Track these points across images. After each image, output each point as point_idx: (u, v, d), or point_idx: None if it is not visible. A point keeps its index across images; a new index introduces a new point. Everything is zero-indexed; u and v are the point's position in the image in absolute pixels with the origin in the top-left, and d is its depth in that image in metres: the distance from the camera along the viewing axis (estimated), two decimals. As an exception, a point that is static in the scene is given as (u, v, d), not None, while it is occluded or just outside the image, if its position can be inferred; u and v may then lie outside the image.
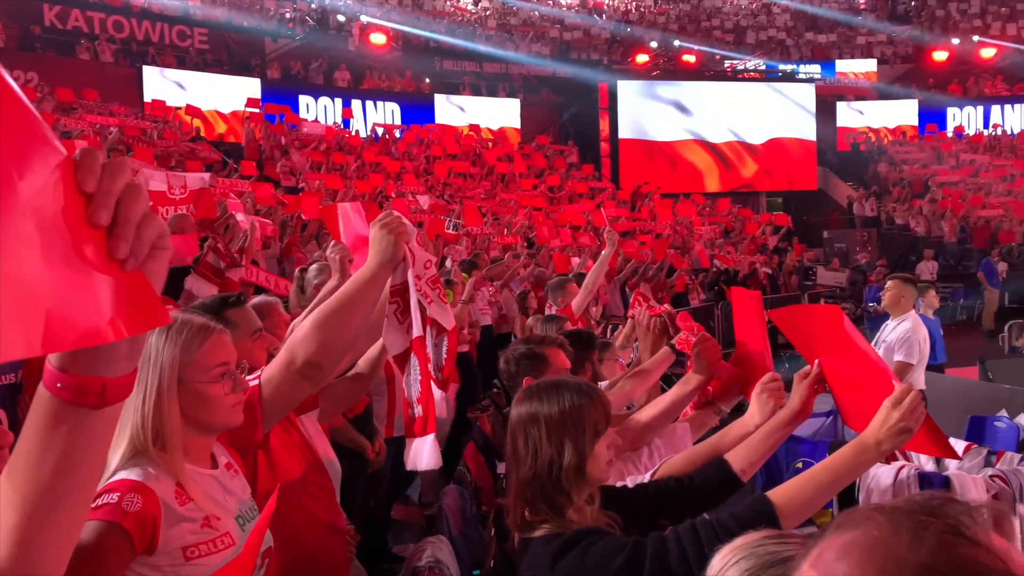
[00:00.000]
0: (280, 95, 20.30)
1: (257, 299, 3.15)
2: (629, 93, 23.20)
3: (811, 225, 21.75)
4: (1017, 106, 26.17)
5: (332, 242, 2.83)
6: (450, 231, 11.55)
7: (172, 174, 7.32)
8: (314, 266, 3.71)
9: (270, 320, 3.01)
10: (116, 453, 1.47)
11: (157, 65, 19.49)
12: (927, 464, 3.92)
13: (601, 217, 15.42)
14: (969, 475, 3.44)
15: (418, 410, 2.21)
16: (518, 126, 23.16)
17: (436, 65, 23.95)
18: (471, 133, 21.60)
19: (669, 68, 25.73)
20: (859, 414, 1.59)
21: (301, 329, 1.79)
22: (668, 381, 2.77)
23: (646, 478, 1.92)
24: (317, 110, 21.33)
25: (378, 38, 23.02)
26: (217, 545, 1.49)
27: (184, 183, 6.83)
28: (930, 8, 30.37)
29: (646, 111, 23.27)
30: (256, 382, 1.78)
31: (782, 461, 4.12)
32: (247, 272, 5.65)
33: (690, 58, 26.66)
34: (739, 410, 2.16)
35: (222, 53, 21.43)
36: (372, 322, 2.05)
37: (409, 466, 2.15)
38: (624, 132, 22.97)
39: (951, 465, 3.88)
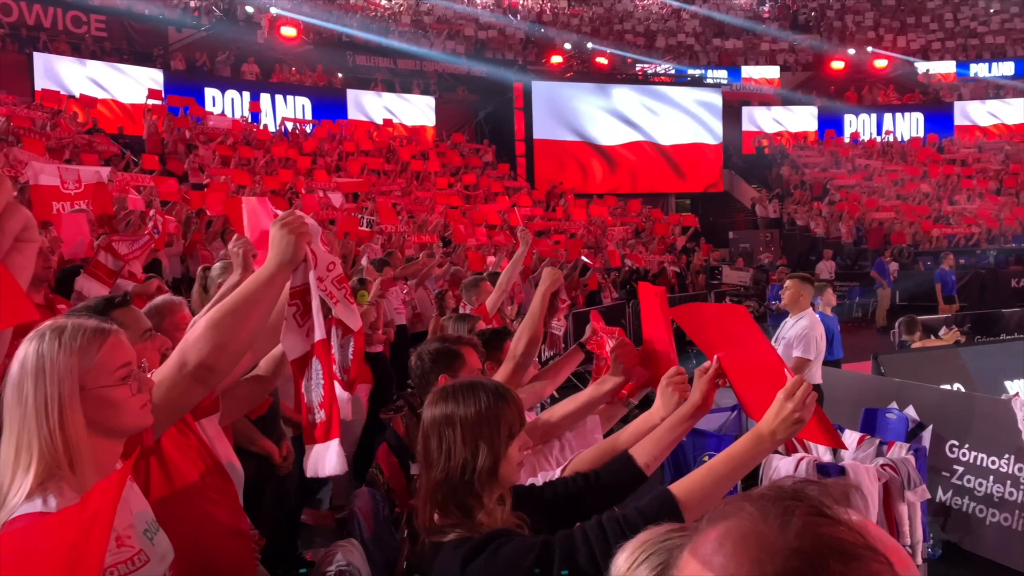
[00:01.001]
0: (184, 87, 19.56)
1: (160, 298, 3.01)
2: (543, 93, 23.41)
3: (717, 226, 22.45)
4: (907, 114, 27.70)
5: (235, 236, 2.72)
6: (363, 228, 11.38)
7: (65, 167, 6.90)
8: (218, 264, 3.56)
9: (171, 319, 2.88)
10: (26, 476, 1.36)
11: (49, 52, 18.46)
12: (825, 455, 4.10)
13: (517, 216, 15.52)
14: (863, 464, 3.60)
15: (319, 415, 2.15)
16: (433, 124, 23.03)
17: (349, 60, 23.56)
18: (387, 129, 21.35)
19: (582, 70, 26.10)
20: (758, 406, 1.64)
21: (194, 330, 1.71)
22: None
23: (556, 473, 1.93)
24: (224, 103, 20.65)
25: (288, 31, 22.47)
26: (135, 563, 1.41)
27: (78, 177, 6.44)
28: (828, 19, 31.83)
29: (560, 112, 23.53)
30: None
31: (689, 455, 4.22)
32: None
33: (603, 60, 27.12)
34: (647, 402, 2.19)
35: (121, 42, 20.48)
36: (272, 323, 1.98)
37: (310, 473, 2.09)
38: (539, 132, 23.17)
39: (847, 456, 4.06)
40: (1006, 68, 28.43)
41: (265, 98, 21.09)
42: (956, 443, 5.10)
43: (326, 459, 2.14)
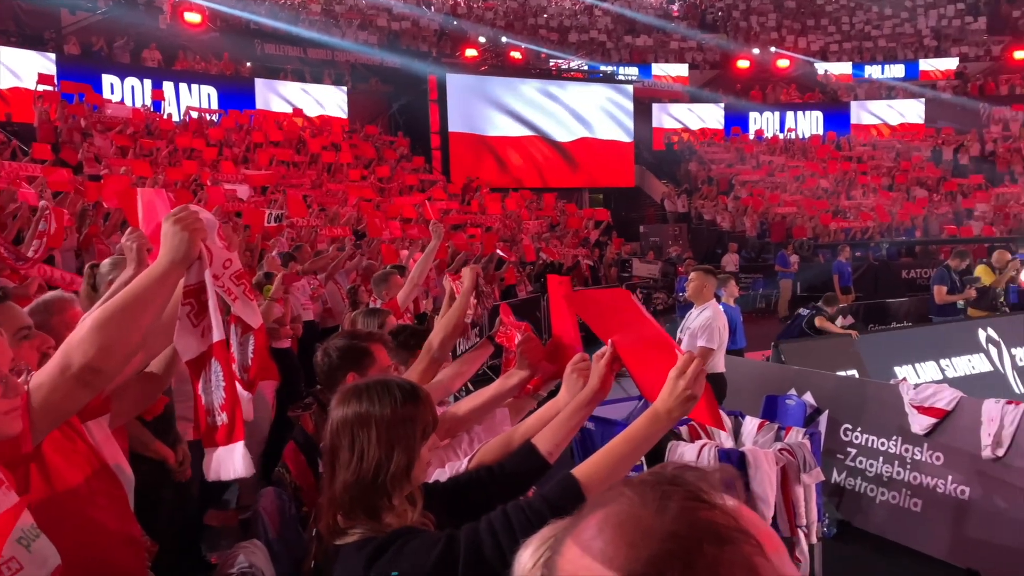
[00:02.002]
0: (79, 73, 18.58)
1: (50, 293, 2.84)
2: (458, 86, 23.33)
3: (629, 220, 22.91)
4: (808, 112, 28.90)
5: (129, 230, 2.59)
6: (272, 224, 11.07)
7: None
8: (108, 260, 3.38)
9: (60, 317, 2.73)
10: None
11: (-73, 33, 17.26)
12: (727, 442, 4.24)
13: (432, 209, 15.43)
14: (761, 450, 3.75)
15: (221, 418, 2.09)
16: (345, 115, 22.62)
17: (257, 48, 22.88)
18: (297, 120, 20.83)
19: (497, 64, 26.13)
20: (653, 386, 1.67)
21: (78, 330, 1.60)
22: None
23: (463, 465, 1.92)
24: (123, 91, 19.73)
25: (192, 17, 21.66)
26: (4, 571, 1.33)
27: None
28: (735, 19, 32.87)
29: (476, 105, 23.50)
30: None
31: (599, 444, 4.29)
32: (37, 269, 5.11)
33: (517, 55, 27.23)
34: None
35: (9, 23, 19.31)
36: (165, 321, 1.91)
37: (211, 477, 2.02)
38: (454, 125, 23.08)
39: (747, 441, 4.22)
40: (897, 70, 30.02)
41: (168, 86, 20.25)
42: (849, 427, 5.37)
43: (230, 462, 2.08)
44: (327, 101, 22.54)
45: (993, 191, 21.63)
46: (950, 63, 29.73)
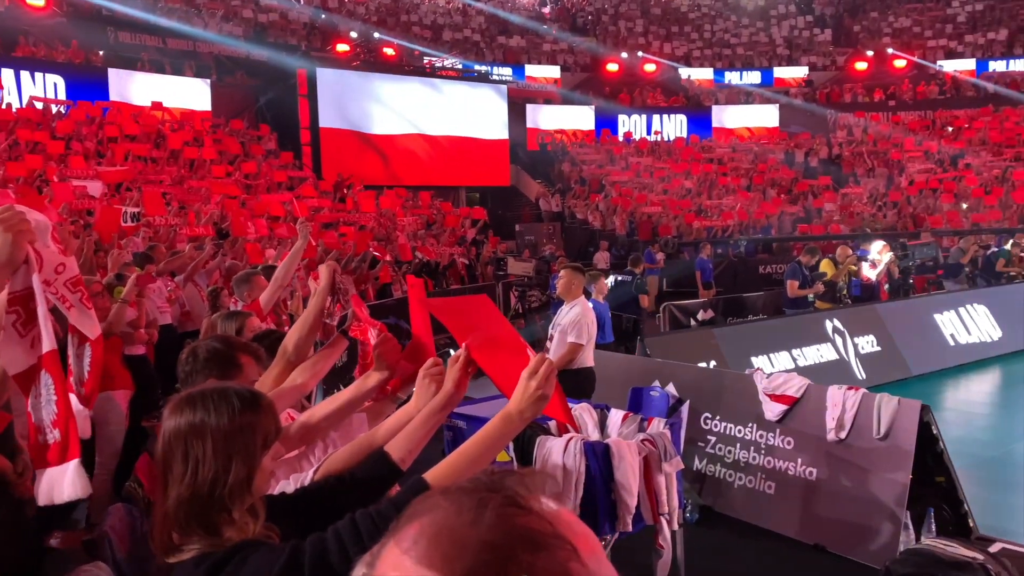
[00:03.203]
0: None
1: None
2: (329, 82, 22.77)
3: (505, 219, 23.13)
4: (673, 116, 30.14)
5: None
6: (128, 223, 10.43)
7: None
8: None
9: None
10: None
11: None
12: (593, 434, 4.34)
13: (302, 207, 15.00)
14: (625, 441, 3.86)
15: (53, 435, 1.94)
16: (209, 108, 21.59)
17: (110, 37, 21.49)
18: (155, 113, 19.70)
19: (370, 60, 25.72)
20: (510, 387, 1.69)
21: None
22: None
23: (308, 476, 1.86)
24: (-46, 77, 18.07)
25: (35, 0, 20.08)
26: None
27: None
28: (604, 23, 33.83)
29: (347, 101, 23.02)
30: None
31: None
32: None
33: (390, 51, 26.91)
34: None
35: None
36: None
37: (43, 500, 1.87)
38: (325, 121, 22.50)
39: (612, 433, 4.33)
40: (754, 77, 31.81)
41: (8, 74, 18.68)
42: (709, 415, 5.63)
43: (63, 483, 1.94)
44: (189, 94, 21.44)
45: (840, 192, 23.31)
46: (801, 71, 31.81)
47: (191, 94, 21.46)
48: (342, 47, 25.65)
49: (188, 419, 1.54)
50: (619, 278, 9.98)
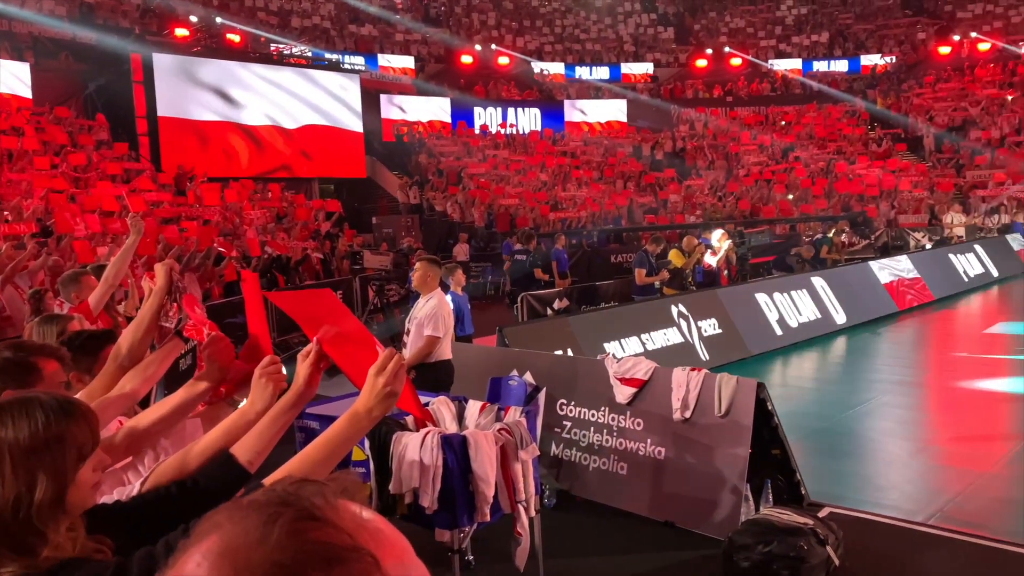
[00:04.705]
0: None
1: None
2: (168, 68, 21.41)
3: (361, 211, 22.68)
4: (527, 109, 30.63)
5: None
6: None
7: None
8: None
9: None
10: None
11: None
12: (451, 426, 4.32)
13: (139, 201, 14.06)
14: (482, 432, 3.86)
15: None
16: (29, 95, 19.78)
17: (-93, 12, 19.26)
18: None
19: (212, 46, 24.42)
20: (363, 382, 1.64)
21: None
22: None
23: (135, 488, 1.71)
24: None
25: None
26: None
27: None
28: (457, 15, 33.81)
29: (189, 89, 21.75)
30: None
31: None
32: None
33: (234, 37, 25.68)
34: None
35: None
36: None
37: None
38: (164, 110, 21.14)
39: (470, 424, 4.32)
40: (603, 72, 32.85)
41: None
42: (564, 401, 5.74)
43: None
44: (5, 78, 19.55)
45: (684, 183, 24.53)
46: (646, 68, 33.18)
47: (8, 78, 19.57)
48: (181, 31, 24.21)
49: None
50: (516, 257, 10.75)
